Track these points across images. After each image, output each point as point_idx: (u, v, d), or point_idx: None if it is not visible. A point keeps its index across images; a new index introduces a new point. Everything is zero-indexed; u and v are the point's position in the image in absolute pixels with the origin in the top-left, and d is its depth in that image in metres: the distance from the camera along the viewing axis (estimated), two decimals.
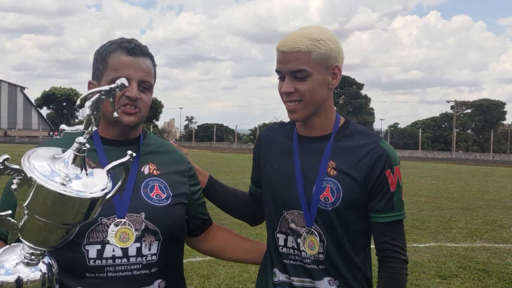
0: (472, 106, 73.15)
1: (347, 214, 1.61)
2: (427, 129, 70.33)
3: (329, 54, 1.57)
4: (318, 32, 1.57)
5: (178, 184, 1.65)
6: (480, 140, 67.30)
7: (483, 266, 6.41)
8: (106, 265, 1.47)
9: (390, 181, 1.59)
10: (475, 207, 11.96)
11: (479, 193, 15.33)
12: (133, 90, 1.53)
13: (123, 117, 1.55)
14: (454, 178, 21.31)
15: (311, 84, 1.57)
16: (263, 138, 1.83)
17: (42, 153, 1.18)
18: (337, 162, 1.61)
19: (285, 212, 1.66)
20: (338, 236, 1.61)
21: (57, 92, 79.25)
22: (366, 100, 75.37)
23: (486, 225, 9.43)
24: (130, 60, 1.55)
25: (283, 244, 1.68)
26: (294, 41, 1.55)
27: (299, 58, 1.54)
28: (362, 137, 1.65)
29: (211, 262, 6.04)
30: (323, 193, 1.60)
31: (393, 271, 1.59)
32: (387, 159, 1.60)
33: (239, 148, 58.25)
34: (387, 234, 1.61)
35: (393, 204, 1.60)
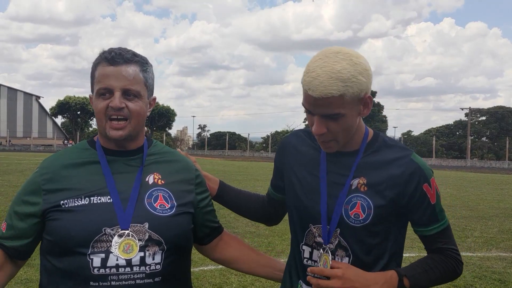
0: (487, 113, 72.40)
1: (377, 230, 1.58)
2: (441, 137, 69.73)
3: (360, 89, 1.48)
4: (348, 68, 1.45)
5: (184, 193, 1.64)
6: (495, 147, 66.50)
7: (499, 276, 6.30)
8: (110, 274, 1.47)
9: (430, 194, 1.58)
10: (490, 215, 11.78)
11: (495, 201, 15.11)
12: (115, 99, 1.52)
13: (110, 132, 1.55)
14: (469, 186, 21.05)
15: (344, 124, 1.52)
16: (287, 145, 1.78)
17: None
18: (368, 178, 1.58)
19: (311, 226, 1.64)
20: (365, 251, 1.58)
21: (71, 101, 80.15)
22: (379, 107, 75.02)
23: (502, 234, 9.28)
24: (111, 70, 1.53)
25: (308, 257, 1.66)
26: (324, 85, 1.44)
27: (332, 103, 1.46)
28: (392, 151, 1.62)
29: (223, 270, 6.03)
30: (354, 209, 1.57)
31: (448, 259, 1.62)
32: (422, 174, 1.58)
33: (252, 156, 58.27)
34: (438, 241, 1.62)
35: (437, 215, 1.60)
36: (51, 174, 1.58)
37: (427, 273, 1.58)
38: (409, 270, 1.57)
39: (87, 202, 1.52)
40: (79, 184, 1.55)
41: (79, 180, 1.56)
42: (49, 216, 1.53)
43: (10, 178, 18.46)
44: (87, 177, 1.57)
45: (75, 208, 1.51)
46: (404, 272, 1.55)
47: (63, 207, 1.52)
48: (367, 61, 1.53)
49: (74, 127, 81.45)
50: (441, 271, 1.60)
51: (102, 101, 1.53)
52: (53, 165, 1.61)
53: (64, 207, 1.51)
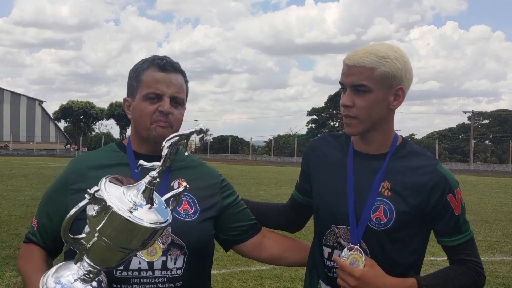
0: (490, 116, 72.28)
1: (397, 236, 1.58)
2: (444, 140, 69.64)
3: (394, 73, 1.53)
4: (386, 50, 1.54)
5: (208, 198, 1.67)
6: (499, 151, 66.35)
7: (503, 280, 6.27)
8: (132, 277, 1.50)
9: (454, 205, 1.58)
10: (494, 219, 11.75)
11: (498, 205, 15.06)
12: (165, 104, 1.57)
13: (156, 130, 1.58)
14: (472, 190, 20.99)
15: (370, 101, 1.54)
16: (315, 149, 1.80)
17: (115, 182, 1.27)
18: (392, 182, 1.59)
19: (334, 227, 1.65)
20: (386, 256, 1.58)
21: (74, 105, 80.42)
22: None
23: (505, 238, 9.26)
24: (162, 76, 1.59)
25: (327, 257, 1.67)
26: (359, 55, 1.53)
27: (362, 73, 1.53)
28: (419, 159, 1.62)
29: (225, 275, 6.02)
30: (376, 213, 1.58)
31: (470, 271, 1.60)
32: (447, 184, 1.58)
33: (254, 160, 58.26)
34: (460, 252, 1.61)
35: (460, 226, 1.60)
36: (79, 174, 1.61)
37: (447, 284, 1.56)
38: (429, 279, 1.56)
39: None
40: None
41: None
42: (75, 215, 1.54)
43: (13, 182, 18.49)
44: None
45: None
46: (424, 282, 1.54)
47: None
48: (409, 60, 1.59)
49: (77, 131, 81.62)
50: (462, 282, 1.58)
51: (150, 105, 1.58)
52: (82, 165, 1.64)
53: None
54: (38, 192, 14.67)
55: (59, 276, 1.29)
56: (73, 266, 1.31)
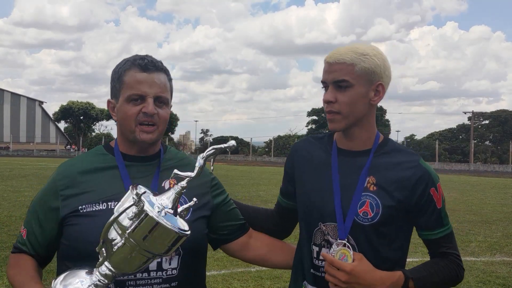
0: (490, 117, 72.27)
1: (384, 230, 1.62)
2: (444, 141, 69.61)
3: (373, 69, 1.61)
4: (365, 48, 1.63)
5: (200, 197, 1.66)
6: (499, 151, 66.32)
7: (503, 281, 6.27)
8: (128, 280, 1.50)
9: (436, 198, 1.64)
10: (494, 219, 11.75)
11: (499, 205, 15.06)
12: (149, 106, 1.55)
13: (140, 135, 1.57)
14: (472, 190, 20.99)
15: (351, 96, 1.60)
16: (298, 151, 1.83)
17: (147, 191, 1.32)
18: (377, 177, 1.64)
19: (321, 224, 1.67)
20: (373, 251, 1.61)
21: (74, 106, 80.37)
22: (381, 111, 74.99)
23: (506, 239, 9.25)
24: (145, 76, 1.57)
25: (316, 256, 1.68)
26: (340, 53, 1.61)
27: (342, 69, 1.60)
28: (402, 154, 1.68)
29: (225, 276, 6.02)
30: (363, 207, 1.61)
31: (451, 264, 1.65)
32: (429, 178, 1.64)
33: (254, 161, 58.24)
34: (442, 245, 1.67)
35: (442, 220, 1.65)
36: (68, 180, 1.59)
37: (431, 276, 1.61)
38: (414, 272, 1.60)
39: (105, 207, 1.54)
40: (97, 189, 1.56)
41: (97, 185, 1.57)
42: (67, 221, 1.55)
43: (13, 183, 18.49)
44: (105, 182, 1.59)
45: (93, 213, 1.52)
46: (411, 275, 1.58)
47: (81, 212, 1.53)
48: (387, 59, 1.67)
49: (77, 132, 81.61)
50: (444, 275, 1.63)
51: (133, 107, 1.56)
52: (70, 170, 1.62)
53: (82, 212, 1.53)
54: None
55: (67, 284, 1.30)
56: (81, 274, 1.33)
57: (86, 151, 33.71)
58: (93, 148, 1.76)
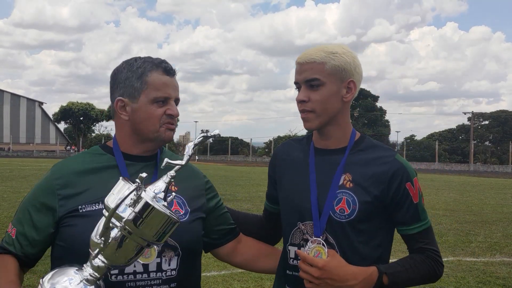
0: (489, 117, 72.31)
1: (362, 227, 1.63)
2: (444, 141, 69.61)
3: (343, 66, 1.63)
4: (334, 47, 1.66)
5: (196, 199, 1.68)
6: (499, 152, 66.34)
7: (503, 281, 6.27)
8: (127, 281, 1.50)
9: (412, 193, 1.64)
10: (494, 220, 11.74)
11: (498, 206, 15.05)
12: (174, 108, 1.62)
13: (165, 133, 1.61)
14: (472, 190, 20.99)
15: (323, 94, 1.63)
16: (278, 154, 1.86)
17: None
18: (353, 174, 1.65)
19: (300, 224, 1.68)
20: (352, 248, 1.62)
21: (74, 106, 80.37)
22: (381, 112, 74.97)
23: (506, 239, 9.24)
24: (168, 80, 1.61)
25: (294, 257, 1.69)
26: (310, 53, 1.64)
27: (313, 68, 1.62)
28: (377, 151, 1.70)
29: (225, 276, 6.02)
30: (339, 204, 1.62)
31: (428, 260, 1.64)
32: (405, 173, 1.64)
33: (254, 161, 58.25)
34: (420, 241, 1.66)
35: (419, 215, 1.65)
36: (65, 179, 1.58)
37: (407, 272, 1.60)
38: (389, 267, 1.60)
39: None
40: (96, 189, 1.55)
41: (96, 185, 1.57)
42: (65, 222, 1.53)
43: (13, 184, 18.49)
44: (104, 182, 1.57)
45: (92, 213, 1.51)
46: (384, 270, 1.58)
47: (81, 211, 1.52)
48: (357, 57, 1.69)
49: (77, 133, 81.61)
50: (420, 271, 1.63)
51: (158, 108, 1.59)
52: (67, 170, 1.61)
53: (81, 211, 1.52)
54: None
55: (55, 283, 1.28)
56: (70, 272, 1.31)
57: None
58: (88, 149, 1.76)
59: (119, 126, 1.65)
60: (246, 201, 14.12)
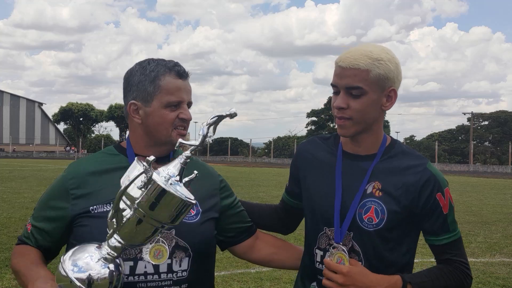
0: (489, 118, 72.32)
1: (389, 236, 1.59)
2: (444, 142, 69.64)
3: (387, 75, 1.55)
4: (379, 52, 1.56)
5: (208, 199, 1.68)
6: (498, 152, 66.35)
7: (503, 281, 6.27)
8: (138, 281, 1.50)
9: (442, 204, 1.60)
10: (494, 220, 11.75)
11: (498, 206, 15.06)
12: (187, 112, 1.62)
13: (177, 138, 1.60)
14: (472, 191, 20.99)
15: (364, 103, 1.55)
16: (303, 152, 1.80)
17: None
18: (382, 183, 1.60)
19: (326, 229, 1.66)
20: (378, 256, 1.59)
21: (74, 107, 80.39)
22: None
23: (505, 239, 9.25)
24: (181, 83, 1.61)
25: (319, 261, 1.67)
26: (354, 57, 1.54)
27: (356, 75, 1.53)
28: (409, 158, 1.64)
29: (225, 277, 6.02)
30: (368, 213, 1.59)
31: (456, 271, 1.60)
32: (436, 183, 1.59)
33: (254, 162, 58.24)
34: (448, 252, 1.61)
35: (448, 226, 1.61)
36: (79, 179, 1.59)
37: (432, 282, 1.57)
38: (414, 277, 1.57)
39: None
40: (109, 190, 1.56)
41: (109, 186, 1.57)
42: (78, 221, 1.55)
43: (13, 185, 18.49)
44: (116, 183, 1.55)
45: (104, 214, 1.51)
46: (409, 279, 1.55)
47: (93, 212, 1.54)
48: (399, 62, 1.62)
49: (77, 133, 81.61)
50: (447, 282, 1.58)
51: (171, 112, 1.59)
52: (81, 170, 1.62)
53: (93, 212, 1.54)
54: (37, 194, 14.65)
55: (77, 259, 1.31)
56: (90, 248, 1.34)
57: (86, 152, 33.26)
58: (104, 148, 1.77)
59: (132, 128, 1.67)
60: None
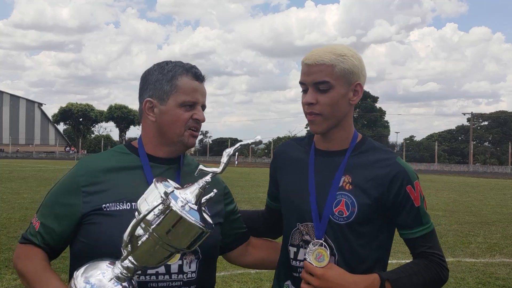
0: (489, 118, 72.39)
1: (361, 230, 1.61)
2: (444, 142, 69.70)
3: (352, 70, 1.62)
4: (342, 48, 1.63)
5: (215, 205, 1.69)
6: (498, 152, 66.42)
7: (503, 282, 6.27)
8: (150, 281, 1.52)
9: (413, 197, 1.61)
10: (493, 221, 11.75)
11: (498, 206, 15.07)
12: (201, 113, 1.64)
13: (189, 139, 1.62)
14: (472, 191, 21.01)
15: (332, 97, 1.61)
16: (279, 154, 1.85)
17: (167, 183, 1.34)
18: (353, 176, 1.63)
19: (299, 224, 1.68)
20: (351, 250, 1.61)
21: (73, 107, 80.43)
22: (381, 113, 75.01)
23: (505, 240, 9.24)
24: (198, 85, 1.64)
25: (293, 257, 1.69)
26: (319, 54, 1.61)
27: (322, 71, 1.59)
28: (379, 153, 1.68)
29: (225, 278, 6.02)
30: (338, 206, 1.61)
31: (432, 265, 1.61)
32: (406, 176, 1.62)
33: (254, 162, 58.27)
34: (422, 245, 1.63)
35: (421, 218, 1.63)
36: (91, 176, 1.58)
37: (410, 277, 1.58)
38: (392, 274, 1.58)
39: (129, 207, 1.53)
40: (121, 188, 1.56)
41: (121, 185, 1.57)
42: (88, 219, 1.54)
43: (12, 185, 18.49)
44: (129, 182, 1.59)
45: (116, 212, 1.52)
46: (387, 276, 1.56)
47: (105, 210, 1.53)
48: (363, 60, 1.68)
49: (76, 134, 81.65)
50: (425, 277, 1.60)
51: (185, 112, 1.61)
52: (92, 167, 1.61)
53: (105, 210, 1.53)
54: (37, 195, 14.66)
55: (89, 276, 1.30)
56: (102, 265, 1.33)
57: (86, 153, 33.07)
58: (114, 146, 1.77)
59: (145, 127, 1.67)
60: (245, 202, 14.12)
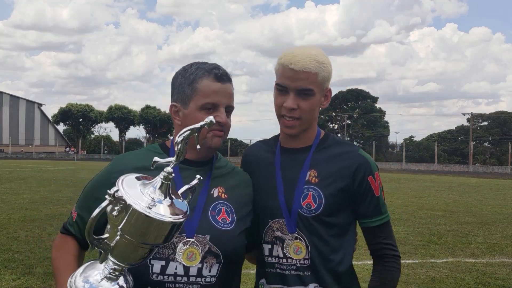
0: (488, 118, 72.43)
1: (329, 220, 1.67)
2: (443, 142, 69.73)
3: (328, 77, 1.69)
4: (320, 55, 1.67)
5: (244, 207, 1.69)
6: (498, 153, 66.45)
7: (503, 282, 6.27)
8: (167, 282, 1.52)
9: (374, 187, 1.69)
10: (493, 221, 11.75)
11: (498, 207, 15.07)
12: (222, 115, 1.61)
13: (212, 140, 1.61)
14: (472, 191, 21.00)
15: (312, 103, 1.66)
16: (247, 156, 1.90)
17: (133, 181, 1.32)
18: (318, 170, 1.70)
19: (270, 221, 1.71)
20: (321, 242, 1.66)
21: (73, 108, 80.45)
22: (380, 113, 75.01)
23: (505, 240, 9.25)
24: (219, 86, 1.61)
25: (268, 254, 1.72)
26: (305, 61, 1.62)
27: (308, 78, 1.63)
28: (341, 147, 1.75)
29: None
30: (306, 200, 1.66)
31: (388, 265, 1.67)
32: (368, 166, 1.69)
33: None
34: (379, 235, 1.69)
35: (380, 208, 1.70)
36: (122, 173, 1.56)
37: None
38: None
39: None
40: None
41: None
42: None
43: (12, 185, 18.48)
44: None
45: None
46: None
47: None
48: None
49: (76, 134, 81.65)
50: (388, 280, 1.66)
51: (205, 115, 1.58)
52: (126, 164, 1.63)
53: None
54: (37, 195, 14.65)
55: (87, 276, 1.33)
56: (99, 266, 1.35)
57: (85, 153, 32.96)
58: (149, 145, 1.79)
59: (175, 129, 1.69)
60: None
